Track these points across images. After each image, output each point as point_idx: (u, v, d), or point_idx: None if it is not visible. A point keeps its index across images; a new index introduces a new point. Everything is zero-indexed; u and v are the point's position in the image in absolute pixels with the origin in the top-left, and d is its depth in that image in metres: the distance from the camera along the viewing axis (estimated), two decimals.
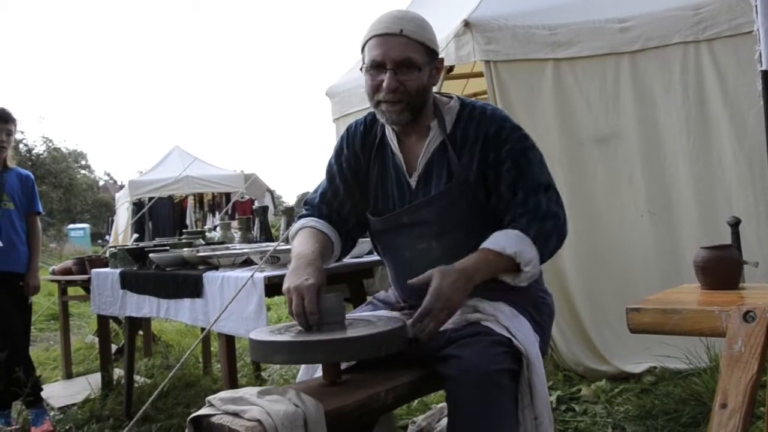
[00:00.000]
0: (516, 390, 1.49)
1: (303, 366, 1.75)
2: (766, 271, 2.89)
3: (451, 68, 3.67)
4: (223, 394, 1.42)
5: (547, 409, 1.52)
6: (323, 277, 1.57)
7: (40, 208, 3.63)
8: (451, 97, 1.77)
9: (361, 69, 1.68)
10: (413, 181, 1.71)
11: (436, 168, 1.69)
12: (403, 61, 1.59)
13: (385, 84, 1.60)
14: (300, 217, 1.89)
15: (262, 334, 1.52)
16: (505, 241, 1.56)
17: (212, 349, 4.35)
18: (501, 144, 1.64)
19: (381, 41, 1.61)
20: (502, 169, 1.63)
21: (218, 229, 3.58)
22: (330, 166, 1.87)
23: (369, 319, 1.60)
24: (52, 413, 3.56)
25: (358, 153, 1.80)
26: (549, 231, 1.61)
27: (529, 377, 1.50)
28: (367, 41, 1.64)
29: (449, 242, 1.67)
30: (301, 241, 1.75)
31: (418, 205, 1.69)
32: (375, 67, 1.62)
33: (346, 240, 1.87)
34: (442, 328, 1.56)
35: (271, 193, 12.91)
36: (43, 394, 3.52)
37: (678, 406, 2.62)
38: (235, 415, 1.31)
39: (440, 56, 1.70)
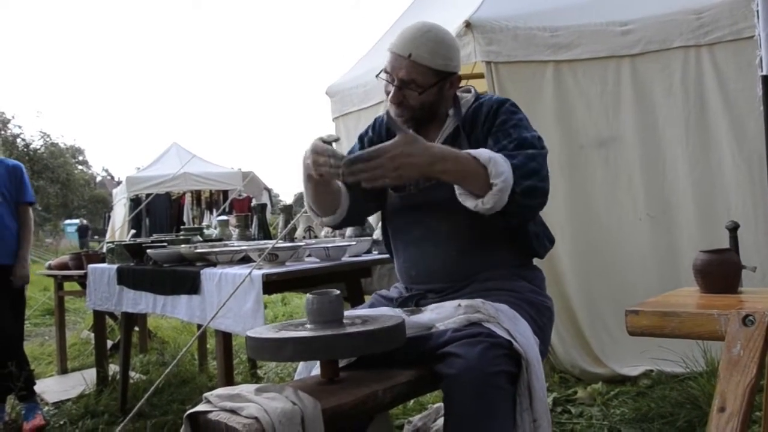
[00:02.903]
0: (514, 392, 1.49)
1: (301, 363, 1.75)
2: (764, 275, 2.90)
3: None
4: (220, 390, 1.41)
5: (545, 412, 1.52)
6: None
7: (32, 198, 3.59)
8: (470, 91, 1.88)
9: (378, 75, 1.80)
10: None
11: None
12: (408, 82, 1.71)
13: (390, 97, 1.75)
14: None
15: (260, 332, 1.51)
16: (484, 150, 1.57)
17: (208, 346, 4.35)
18: (498, 116, 1.72)
19: (392, 58, 1.73)
20: (492, 131, 1.71)
21: (216, 225, 3.57)
22: (352, 147, 1.97)
23: (367, 316, 1.59)
24: (46, 408, 3.55)
25: (383, 136, 1.91)
26: (531, 168, 1.58)
27: (528, 380, 1.50)
28: (388, 50, 1.76)
29: (456, 223, 1.73)
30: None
31: (431, 187, 1.77)
32: (387, 78, 1.75)
33: (355, 209, 1.89)
34: (443, 327, 1.56)
35: (269, 191, 12.90)
36: (37, 388, 3.51)
37: (674, 410, 2.62)
38: (232, 412, 1.30)
39: (458, 73, 1.77)
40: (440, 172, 1.51)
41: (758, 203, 3.11)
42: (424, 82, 1.71)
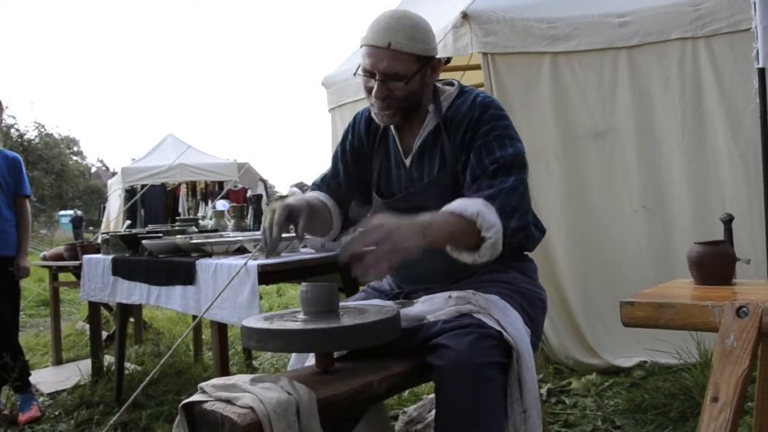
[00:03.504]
0: (505, 383, 1.49)
1: (294, 354, 1.75)
2: (757, 268, 2.91)
3: (448, 60, 3.66)
4: (215, 380, 1.41)
5: (536, 403, 1.52)
6: (305, 211, 1.59)
7: (29, 191, 3.58)
8: (453, 84, 1.81)
9: (355, 73, 1.72)
10: (408, 161, 1.79)
11: (429, 150, 1.76)
12: (391, 74, 1.64)
13: (374, 92, 1.68)
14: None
15: (255, 321, 1.51)
16: (466, 204, 1.55)
17: (204, 337, 4.35)
18: (481, 125, 1.67)
19: (370, 51, 1.65)
20: (475, 145, 1.67)
21: (212, 216, 3.57)
22: (335, 150, 1.96)
23: (362, 307, 1.59)
24: (41, 399, 3.55)
25: (363, 137, 1.88)
26: (512, 208, 1.58)
27: (518, 371, 1.50)
28: (362, 45, 1.69)
29: None
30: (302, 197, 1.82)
31: (414, 192, 1.76)
32: (366, 74, 1.68)
33: (348, 221, 1.94)
34: (433, 319, 1.56)
35: (264, 182, 12.87)
36: (32, 379, 3.51)
37: (667, 401, 2.64)
38: (228, 402, 1.30)
39: (438, 56, 1.72)
40: (434, 234, 1.45)
41: (753, 196, 3.12)
42: (407, 70, 1.64)
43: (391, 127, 1.81)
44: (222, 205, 6.20)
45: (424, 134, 1.76)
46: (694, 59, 3.31)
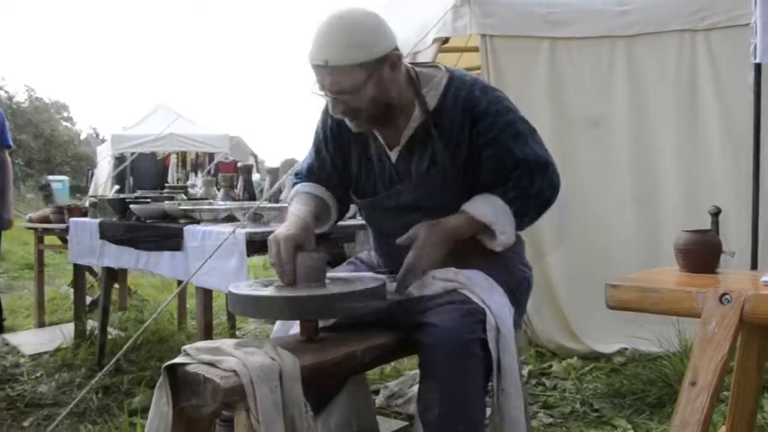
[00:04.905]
0: (488, 359, 1.50)
1: (278, 321, 1.75)
2: (742, 262, 2.94)
3: (446, 40, 3.64)
4: (199, 344, 1.42)
5: (515, 381, 1.53)
6: (308, 234, 1.57)
7: (10, 142, 3.53)
8: (439, 68, 1.70)
9: (312, 91, 1.61)
10: (394, 155, 1.70)
11: (419, 146, 1.66)
12: (338, 90, 1.53)
13: (330, 109, 1.59)
14: (294, 185, 1.88)
15: (242, 288, 1.51)
16: (484, 206, 1.62)
17: (188, 306, 4.34)
18: (490, 129, 1.62)
19: (314, 70, 1.54)
20: (494, 153, 1.63)
21: (201, 185, 3.55)
22: (317, 134, 1.82)
23: (350, 278, 1.60)
24: (22, 360, 3.55)
25: (341, 125, 1.72)
26: (530, 209, 1.67)
27: (498, 349, 1.51)
28: None
29: (432, 218, 1.63)
30: (297, 205, 1.73)
31: (400, 190, 1.70)
32: (320, 90, 1.57)
33: (341, 204, 1.87)
34: (418, 295, 1.56)
35: (255, 156, 12.83)
36: (14, 341, 3.50)
37: (645, 387, 2.68)
38: (211, 364, 1.30)
39: (395, 51, 1.56)
40: (458, 239, 1.62)
41: (742, 191, 3.14)
42: (353, 82, 1.51)
43: None
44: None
45: (413, 127, 1.65)
46: (691, 52, 3.31)
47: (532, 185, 1.64)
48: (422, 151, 1.66)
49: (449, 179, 1.65)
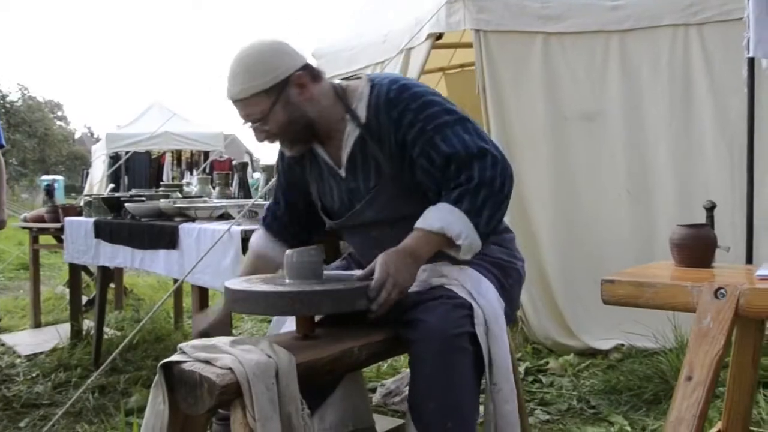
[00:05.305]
0: (479, 354, 1.49)
1: (274, 318, 1.75)
2: (736, 257, 2.95)
3: (439, 36, 3.64)
4: (195, 342, 1.41)
5: (507, 375, 1.53)
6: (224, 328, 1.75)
7: (3, 141, 3.51)
8: (361, 79, 1.71)
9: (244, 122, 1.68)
10: (342, 172, 1.70)
11: (361, 160, 1.66)
12: (253, 120, 1.61)
13: (255, 137, 1.66)
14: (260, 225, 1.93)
15: (238, 283, 1.51)
16: (432, 217, 1.51)
17: (184, 305, 4.33)
18: (412, 126, 1.57)
19: (231, 103, 1.64)
20: (416, 145, 1.57)
21: (196, 183, 3.55)
22: (276, 178, 1.89)
23: (344, 276, 1.60)
24: (18, 360, 3.53)
25: (291, 161, 1.80)
26: (482, 201, 1.51)
27: (489, 343, 1.51)
28: None
29: (401, 228, 1.59)
30: (244, 265, 1.88)
31: (359, 210, 1.68)
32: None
33: (305, 231, 1.88)
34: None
35: (250, 154, 12.80)
36: (10, 341, 3.49)
37: (642, 383, 2.68)
38: (207, 362, 1.30)
39: (300, 71, 1.59)
40: (422, 257, 1.52)
41: (736, 185, 3.15)
42: (262, 108, 1.57)
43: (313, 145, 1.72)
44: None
45: (349, 144, 1.65)
46: (685, 46, 3.31)
47: (471, 178, 1.50)
48: (366, 166, 1.65)
49: (402, 188, 1.62)
